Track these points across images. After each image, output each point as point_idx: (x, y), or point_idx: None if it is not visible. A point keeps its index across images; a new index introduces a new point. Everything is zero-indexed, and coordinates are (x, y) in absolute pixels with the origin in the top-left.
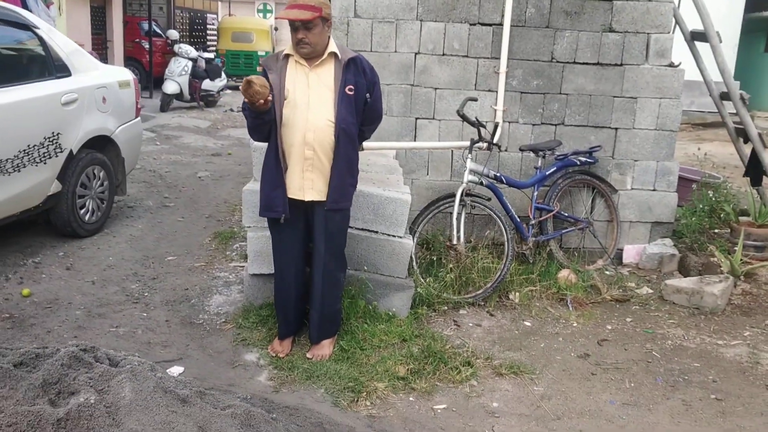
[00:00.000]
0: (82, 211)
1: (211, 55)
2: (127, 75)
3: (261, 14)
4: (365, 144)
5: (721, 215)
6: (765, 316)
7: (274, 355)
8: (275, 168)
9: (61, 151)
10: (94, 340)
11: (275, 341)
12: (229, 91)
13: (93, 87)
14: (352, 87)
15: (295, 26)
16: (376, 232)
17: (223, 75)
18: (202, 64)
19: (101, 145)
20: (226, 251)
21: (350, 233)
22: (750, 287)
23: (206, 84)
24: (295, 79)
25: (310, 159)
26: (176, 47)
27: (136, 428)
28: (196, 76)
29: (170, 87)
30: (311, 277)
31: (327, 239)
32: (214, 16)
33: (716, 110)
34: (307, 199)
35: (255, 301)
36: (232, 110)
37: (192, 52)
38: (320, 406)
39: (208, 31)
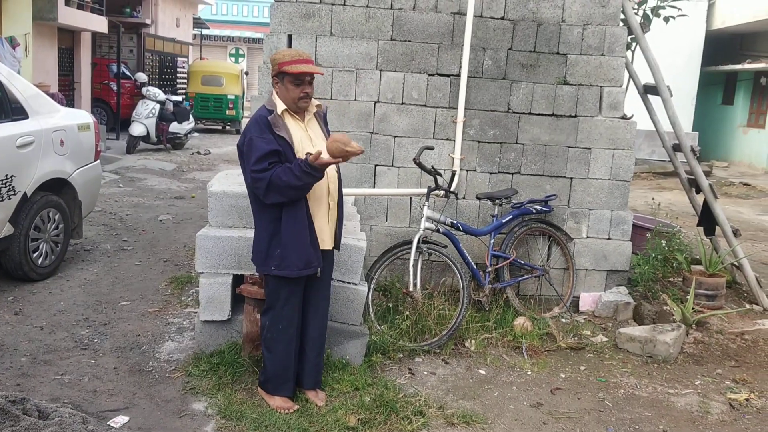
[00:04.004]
0: (35, 255)
1: (179, 98)
2: (87, 118)
3: (233, 58)
4: None
5: (674, 264)
6: (716, 364)
7: (287, 412)
8: (307, 224)
9: (14, 194)
10: (37, 388)
11: (283, 400)
12: (197, 134)
13: (50, 130)
14: (329, 133)
15: (306, 80)
16: (331, 278)
17: (191, 118)
18: (170, 106)
19: (58, 187)
20: (182, 296)
21: None
22: (702, 336)
23: (174, 127)
24: (299, 134)
25: (333, 209)
26: (144, 90)
27: None
28: (163, 118)
29: (137, 129)
30: (310, 325)
31: (328, 284)
32: (185, 59)
33: None
34: (328, 248)
35: (206, 349)
36: (199, 153)
37: (160, 95)
38: None
39: (179, 74)
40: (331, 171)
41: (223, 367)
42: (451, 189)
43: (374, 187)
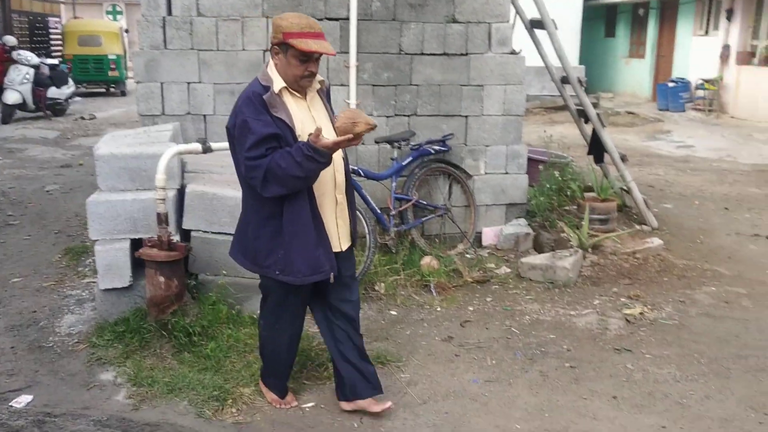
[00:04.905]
0: None
1: (56, 61)
2: None
3: (110, 16)
4: (216, 145)
5: (568, 193)
6: (612, 284)
7: (292, 407)
8: (313, 222)
9: None
10: None
11: (279, 399)
12: (79, 99)
13: None
14: (333, 112)
15: (313, 57)
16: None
17: (71, 81)
18: (46, 70)
19: None
20: (78, 267)
21: (207, 238)
22: (598, 258)
23: (52, 92)
24: (301, 115)
25: (341, 204)
26: (14, 54)
27: None
28: (39, 83)
29: (11, 97)
30: (342, 331)
31: (351, 288)
32: (57, 19)
33: None
34: (344, 248)
35: (109, 318)
36: (83, 118)
37: (33, 58)
38: (183, 419)
39: (52, 36)
40: (336, 158)
41: (129, 335)
42: None
43: None
